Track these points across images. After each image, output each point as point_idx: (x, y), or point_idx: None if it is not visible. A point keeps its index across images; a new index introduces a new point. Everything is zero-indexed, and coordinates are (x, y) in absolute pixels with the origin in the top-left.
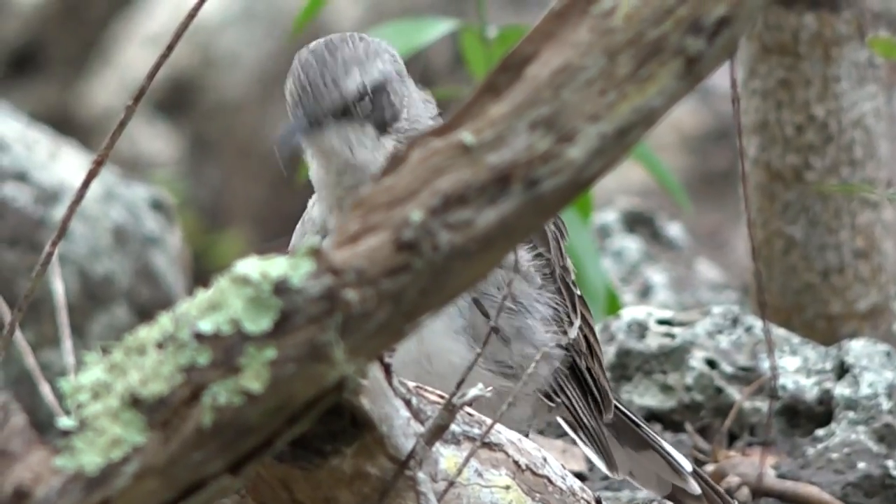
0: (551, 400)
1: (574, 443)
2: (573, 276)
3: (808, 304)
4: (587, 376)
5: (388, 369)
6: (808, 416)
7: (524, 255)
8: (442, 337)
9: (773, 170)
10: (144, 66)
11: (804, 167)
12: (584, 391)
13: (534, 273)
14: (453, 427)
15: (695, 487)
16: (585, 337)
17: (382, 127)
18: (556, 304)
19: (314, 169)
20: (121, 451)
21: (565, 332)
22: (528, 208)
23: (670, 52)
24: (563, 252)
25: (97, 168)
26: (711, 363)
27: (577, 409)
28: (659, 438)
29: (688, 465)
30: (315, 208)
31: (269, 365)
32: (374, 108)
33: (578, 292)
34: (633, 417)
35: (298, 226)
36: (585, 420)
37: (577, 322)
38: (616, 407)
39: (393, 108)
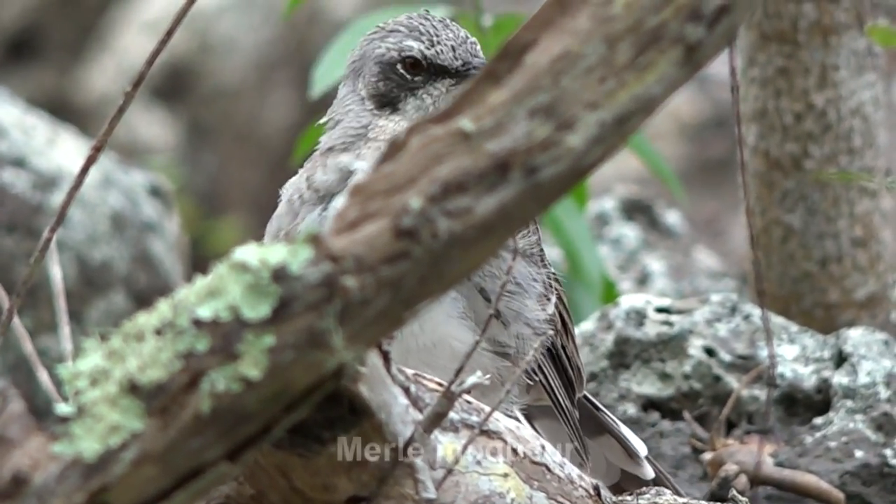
0: (530, 379)
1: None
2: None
3: (806, 292)
4: (562, 354)
5: (386, 357)
6: (807, 405)
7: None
8: (445, 323)
9: (771, 158)
10: (142, 51)
11: (803, 155)
12: (558, 370)
13: (533, 254)
14: (452, 414)
15: (648, 471)
16: (560, 314)
17: None
18: (544, 281)
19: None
20: (119, 437)
21: (544, 309)
22: (527, 196)
23: (670, 40)
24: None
25: (96, 154)
26: (710, 351)
27: (554, 388)
28: (617, 421)
29: (643, 449)
30: (344, 155)
31: (268, 352)
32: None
33: (551, 269)
34: (593, 401)
35: (282, 205)
36: (562, 400)
37: (553, 298)
38: None
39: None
